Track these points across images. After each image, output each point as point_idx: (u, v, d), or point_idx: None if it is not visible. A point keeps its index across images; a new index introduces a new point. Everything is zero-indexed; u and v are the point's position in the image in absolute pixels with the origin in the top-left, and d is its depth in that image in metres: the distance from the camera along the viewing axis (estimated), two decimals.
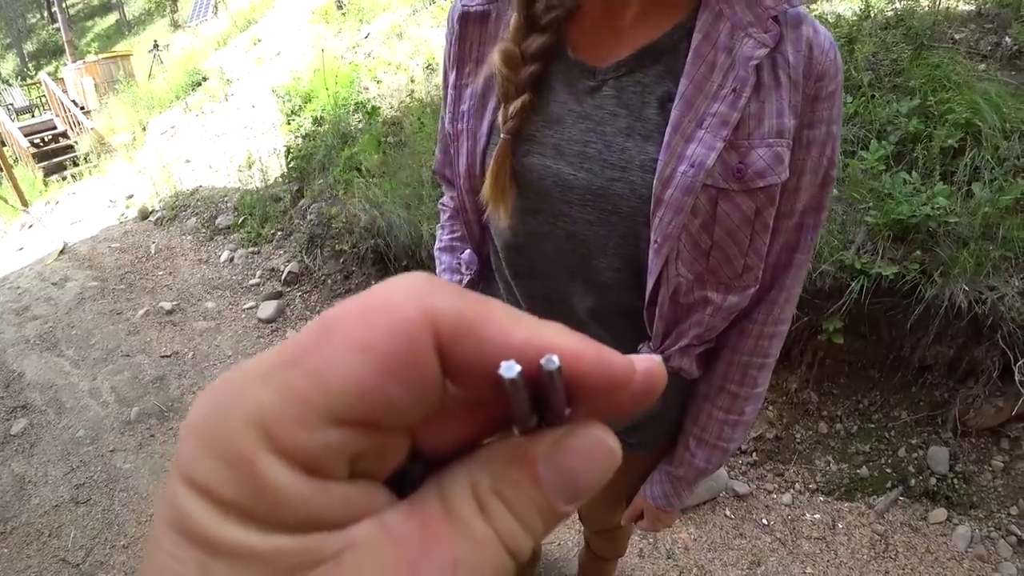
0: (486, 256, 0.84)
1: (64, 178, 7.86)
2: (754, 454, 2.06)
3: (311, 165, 4.08)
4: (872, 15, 2.77)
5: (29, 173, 8.73)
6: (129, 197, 5.65)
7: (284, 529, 0.13)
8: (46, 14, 25.48)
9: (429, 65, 4.46)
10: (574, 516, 1.74)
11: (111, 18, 24.06)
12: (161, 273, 4.07)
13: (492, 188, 0.67)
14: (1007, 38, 2.50)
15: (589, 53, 0.64)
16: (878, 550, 1.77)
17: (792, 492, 1.95)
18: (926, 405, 1.95)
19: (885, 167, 2.12)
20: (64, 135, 9.74)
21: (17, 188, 7.73)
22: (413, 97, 4.16)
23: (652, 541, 1.86)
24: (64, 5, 14.86)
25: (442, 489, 0.15)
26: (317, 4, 7.08)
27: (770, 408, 2.11)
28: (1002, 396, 1.81)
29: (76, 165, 8.03)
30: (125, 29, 21.98)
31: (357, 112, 4.19)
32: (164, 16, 19.23)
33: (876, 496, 1.89)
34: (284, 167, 4.34)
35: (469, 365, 0.15)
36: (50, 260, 4.64)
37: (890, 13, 2.78)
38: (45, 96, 11.69)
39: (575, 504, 0.16)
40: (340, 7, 6.39)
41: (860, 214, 2.02)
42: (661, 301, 0.66)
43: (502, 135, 0.66)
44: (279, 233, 3.96)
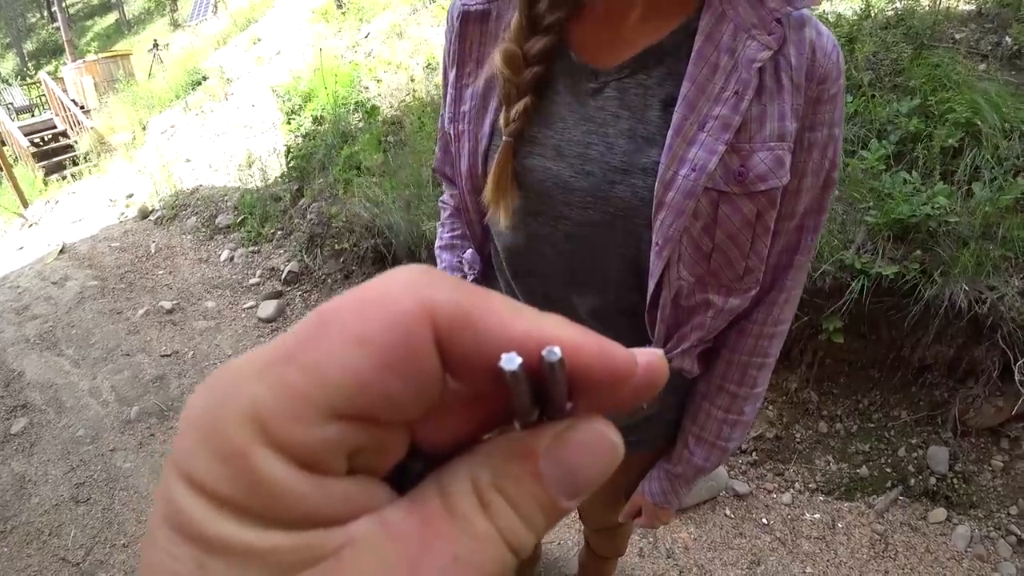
0: (488, 255, 0.84)
1: (64, 177, 7.85)
2: (754, 453, 2.06)
3: (311, 164, 4.07)
4: (872, 15, 2.76)
5: (29, 172, 8.73)
6: (129, 196, 5.65)
7: (282, 526, 0.13)
8: (46, 13, 25.48)
9: (429, 64, 4.45)
10: (574, 515, 1.74)
11: (111, 17, 24.06)
12: (161, 272, 4.07)
13: (494, 190, 0.66)
14: (1007, 38, 2.50)
15: (591, 54, 0.64)
16: (878, 550, 1.77)
17: (792, 492, 1.95)
18: (926, 405, 1.95)
19: (885, 167, 2.12)
20: (64, 134, 9.74)
21: (17, 187, 7.73)
22: (413, 96, 4.15)
23: (652, 540, 1.86)
24: (64, 4, 14.84)
25: (442, 485, 0.15)
26: (317, 3, 7.07)
27: (770, 407, 2.11)
28: (1002, 396, 1.81)
29: (76, 164, 8.03)
30: (125, 28, 21.98)
31: (357, 111, 4.19)
32: (164, 15, 19.23)
33: (876, 496, 1.89)
34: (284, 166, 4.34)
35: (469, 358, 0.14)
36: (50, 259, 4.64)
37: (890, 13, 2.78)
38: (45, 95, 11.69)
39: (577, 499, 0.15)
40: (340, 6, 6.39)
41: (860, 214, 2.02)
42: (663, 304, 0.66)
43: (504, 137, 0.65)
44: (279, 232, 3.96)
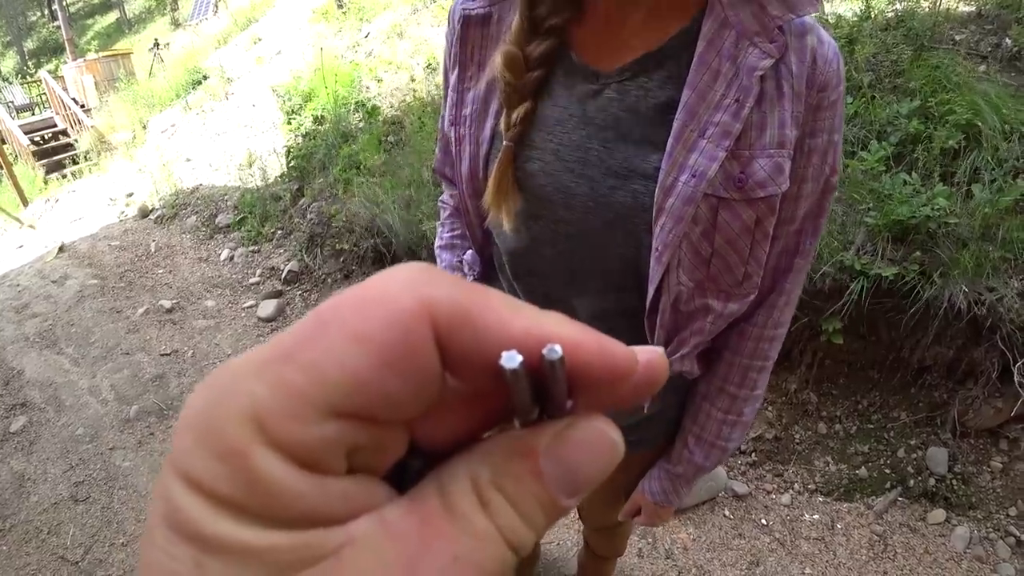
0: (488, 257, 0.84)
1: (64, 176, 7.85)
2: (753, 454, 2.06)
3: (311, 164, 4.07)
4: (872, 16, 2.77)
5: (29, 171, 8.73)
6: (129, 195, 5.65)
7: (281, 525, 0.13)
8: (46, 12, 25.47)
9: (430, 64, 4.45)
10: (574, 515, 1.75)
11: (111, 16, 24.06)
12: (161, 271, 4.07)
13: (494, 195, 0.66)
14: (1007, 39, 2.50)
15: (592, 56, 0.64)
16: (877, 551, 1.77)
17: (791, 492, 1.95)
18: (925, 406, 1.95)
19: (885, 168, 2.12)
20: (64, 133, 9.74)
21: (17, 186, 7.74)
22: (414, 96, 4.16)
23: (651, 541, 1.86)
24: (64, 3, 14.85)
25: (442, 484, 0.15)
26: (317, 3, 7.07)
27: (769, 408, 2.11)
28: (1001, 397, 1.81)
29: (76, 163, 8.03)
30: (125, 27, 21.99)
31: (358, 111, 4.19)
32: (164, 14, 19.24)
33: (875, 497, 1.90)
34: (284, 166, 4.34)
35: (468, 356, 0.14)
36: (50, 258, 4.64)
37: (890, 14, 2.78)
38: (45, 94, 11.69)
39: (577, 498, 0.15)
40: (341, 6, 6.39)
41: (860, 215, 2.02)
42: (662, 309, 0.66)
43: (505, 142, 0.65)
44: (279, 232, 3.96)
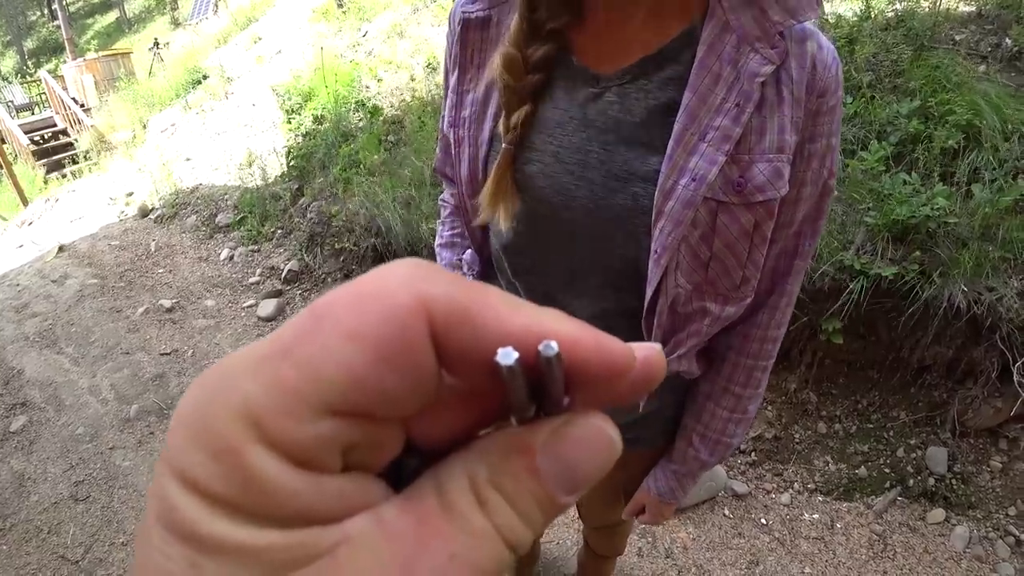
0: (487, 256, 0.84)
1: (64, 176, 7.85)
2: (753, 454, 2.07)
3: (311, 163, 4.07)
4: (872, 16, 2.77)
5: (29, 170, 8.73)
6: (129, 195, 5.64)
7: (276, 524, 0.13)
8: (46, 11, 25.47)
9: (430, 64, 4.45)
10: (573, 514, 1.75)
11: (111, 16, 24.05)
12: (161, 271, 4.06)
13: (491, 196, 0.66)
14: (1007, 39, 2.50)
15: (592, 59, 0.63)
16: (876, 550, 1.77)
17: (791, 492, 1.95)
18: (925, 405, 1.95)
19: (885, 168, 2.12)
20: (64, 132, 9.74)
21: (17, 186, 7.74)
22: (414, 96, 4.15)
23: (651, 540, 1.86)
24: (64, 3, 14.84)
25: (439, 482, 0.15)
26: (318, 2, 7.07)
27: (769, 408, 2.11)
28: (1000, 397, 1.82)
29: (76, 163, 8.03)
30: (125, 27, 21.98)
31: (358, 111, 4.19)
32: (164, 14, 19.24)
33: (874, 496, 1.90)
34: (284, 165, 4.34)
35: (465, 353, 0.14)
36: (49, 258, 4.64)
37: (890, 14, 2.78)
38: (45, 93, 11.69)
39: (575, 495, 0.15)
40: (341, 5, 6.39)
41: (860, 215, 2.02)
42: (660, 311, 0.66)
43: (504, 145, 0.65)
44: (279, 231, 3.96)
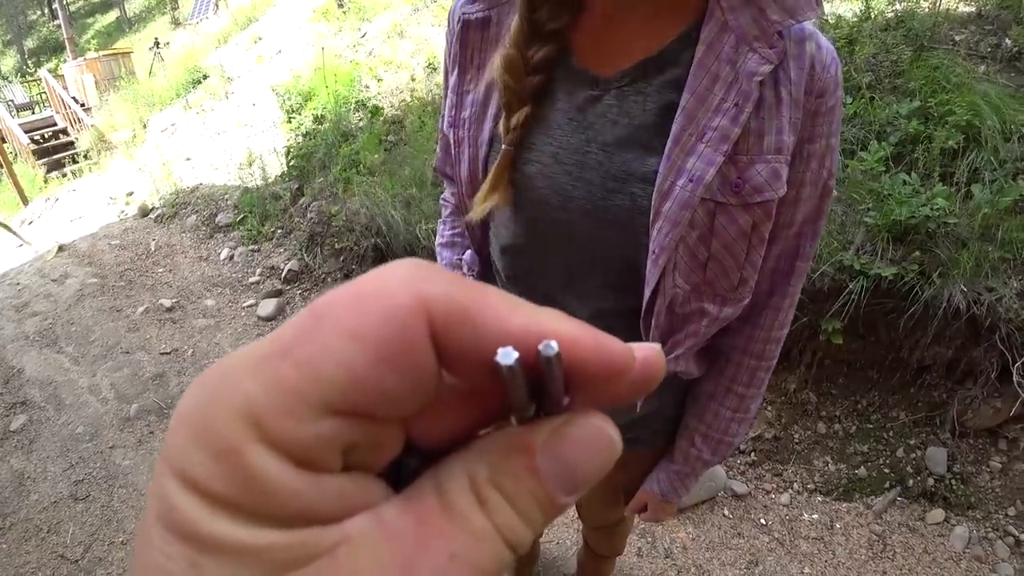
0: (487, 256, 0.84)
1: (64, 175, 7.85)
2: (753, 454, 2.07)
3: (311, 163, 4.07)
4: (872, 16, 2.77)
5: (29, 170, 8.73)
6: (129, 194, 5.64)
7: (276, 523, 0.13)
8: (47, 11, 25.46)
9: (430, 64, 4.45)
10: (573, 514, 1.75)
11: (112, 15, 24.04)
12: (161, 270, 4.07)
13: (489, 195, 0.66)
14: (1007, 40, 2.50)
15: (592, 61, 0.64)
16: (876, 550, 1.77)
17: (790, 492, 1.96)
18: (924, 406, 1.95)
19: (885, 168, 2.12)
20: (64, 132, 9.74)
21: (17, 185, 7.74)
22: (414, 96, 4.15)
23: (650, 540, 1.86)
24: (64, 2, 14.84)
25: (439, 482, 0.15)
26: (318, 2, 7.07)
27: (769, 408, 2.11)
28: (1000, 397, 1.82)
29: (76, 162, 8.02)
30: (126, 26, 21.97)
31: (358, 111, 4.19)
32: (165, 13, 19.22)
33: (874, 496, 1.90)
34: (284, 165, 4.34)
35: (465, 352, 0.14)
36: (49, 257, 4.64)
37: (890, 14, 2.78)
38: (45, 93, 11.68)
39: (575, 495, 0.15)
40: (341, 5, 6.39)
41: (860, 215, 2.02)
42: (658, 311, 0.66)
43: (504, 146, 0.65)
44: (279, 231, 3.96)
